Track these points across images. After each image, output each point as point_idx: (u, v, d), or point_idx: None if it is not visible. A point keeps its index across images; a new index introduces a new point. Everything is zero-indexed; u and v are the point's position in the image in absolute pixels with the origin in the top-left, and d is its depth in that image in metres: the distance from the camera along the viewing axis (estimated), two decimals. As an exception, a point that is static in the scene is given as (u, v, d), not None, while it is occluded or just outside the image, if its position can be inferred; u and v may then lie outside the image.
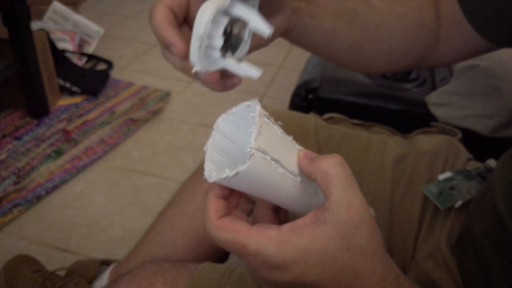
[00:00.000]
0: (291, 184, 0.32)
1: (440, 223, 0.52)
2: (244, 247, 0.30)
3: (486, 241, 0.42)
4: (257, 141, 0.29)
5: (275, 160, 0.30)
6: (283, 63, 2.10)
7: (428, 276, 0.48)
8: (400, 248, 0.54)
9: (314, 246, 0.30)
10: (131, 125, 1.50)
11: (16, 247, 1.04)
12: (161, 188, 1.26)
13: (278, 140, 0.32)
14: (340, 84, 0.96)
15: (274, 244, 0.30)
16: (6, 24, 1.30)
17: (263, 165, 0.30)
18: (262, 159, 0.29)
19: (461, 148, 0.59)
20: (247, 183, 0.31)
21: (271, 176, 0.31)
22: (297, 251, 0.30)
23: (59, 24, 1.94)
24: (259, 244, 0.30)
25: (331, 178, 0.31)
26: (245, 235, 0.30)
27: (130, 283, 0.44)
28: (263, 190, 0.32)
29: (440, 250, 0.49)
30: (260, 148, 0.29)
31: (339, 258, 0.30)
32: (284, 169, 0.31)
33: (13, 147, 1.35)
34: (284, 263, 0.30)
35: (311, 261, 0.30)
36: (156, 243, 0.66)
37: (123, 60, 1.99)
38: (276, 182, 0.31)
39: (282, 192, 0.32)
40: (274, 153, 0.30)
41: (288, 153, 0.32)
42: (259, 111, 0.30)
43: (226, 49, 0.33)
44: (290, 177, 0.32)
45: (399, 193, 0.55)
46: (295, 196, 0.33)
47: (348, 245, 0.30)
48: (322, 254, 0.30)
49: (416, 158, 0.57)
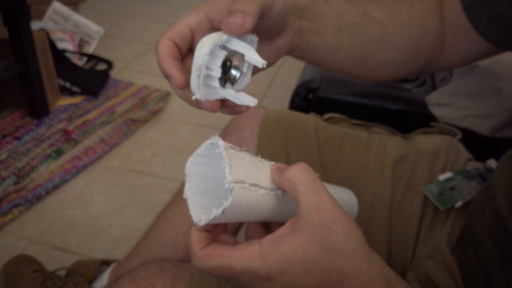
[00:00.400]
0: (275, 199, 0.34)
1: (441, 223, 0.52)
2: (231, 268, 0.31)
3: (488, 240, 0.42)
4: (232, 174, 0.31)
5: (253, 185, 0.32)
6: (283, 63, 2.10)
7: (428, 276, 0.48)
8: (400, 248, 0.54)
9: (294, 254, 0.30)
10: (131, 125, 1.50)
11: (16, 247, 1.04)
12: (161, 188, 1.26)
13: (249, 165, 0.33)
14: (340, 84, 0.96)
15: (258, 259, 0.31)
16: (6, 24, 1.30)
17: (245, 194, 0.31)
18: (242, 189, 0.31)
19: (461, 148, 0.59)
20: (235, 214, 0.32)
21: (255, 200, 0.32)
22: (280, 261, 0.30)
23: (59, 24, 1.94)
24: (244, 262, 0.31)
25: (297, 185, 0.32)
26: (229, 257, 0.31)
27: (130, 283, 0.44)
28: (250, 215, 0.33)
29: (440, 250, 0.49)
30: (237, 179, 0.31)
31: (320, 262, 0.30)
32: (264, 190, 0.33)
33: (13, 147, 1.35)
34: (270, 274, 0.31)
35: (294, 269, 0.31)
36: (156, 243, 0.66)
37: (123, 60, 1.99)
38: (260, 204, 0.33)
39: (268, 209, 0.34)
40: (250, 178, 0.32)
41: (262, 172, 0.34)
42: (223, 146, 0.32)
43: (225, 80, 0.35)
44: (272, 194, 0.34)
45: (399, 193, 0.55)
46: (281, 208, 0.35)
47: (326, 247, 0.30)
48: (303, 261, 0.30)
49: (416, 158, 0.57)
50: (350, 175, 0.57)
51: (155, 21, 2.49)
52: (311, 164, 0.58)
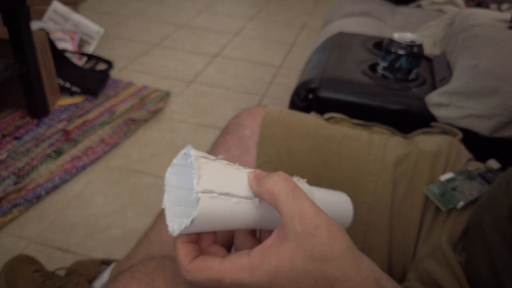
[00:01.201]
0: (251, 207, 0.34)
1: (441, 223, 0.52)
2: (220, 281, 0.31)
3: (496, 235, 0.42)
4: (199, 184, 0.31)
5: (224, 194, 0.32)
6: (283, 63, 2.10)
7: (429, 274, 0.48)
8: (401, 248, 0.54)
9: (282, 265, 0.31)
10: (131, 125, 1.50)
11: (16, 247, 1.04)
12: (161, 188, 1.26)
13: (222, 173, 0.33)
14: (340, 84, 0.96)
15: (247, 271, 0.31)
16: (6, 24, 1.30)
17: (214, 203, 0.31)
18: (210, 198, 0.31)
19: (462, 149, 0.59)
20: (208, 224, 0.32)
21: (228, 209, 0.32)
22: (269, 273, 0.31)
23: (59, 24, 1.94)
24: (233, 275, 0.31)
25: (277, 196, 0.32)
26: (218, 270, 0.31)
27: (131, 278, 0.44)
28: (226, 224, 0.33)
29: (441, 248, 0.49)
30: (205, 189, 0.31)
31: (309, 271, 0.30)
32: (237, 198, 0.33)
33: (13, 147, 1.35)
34: (260, 286, 0.31)
35: (284, 280, 0.31)
36: (156, 242, 0.65)
37: (123, 60, 1.99)
38: (234, 212, 0.33)
39: (246, 218, 0.34)
40: (221, 187, 0.32)
41: (237, 181, 0.34)
42: (194, 155, 0.32)
43: None
44: (247, 201, 0.33)
45: (400, 193, 0.55)
46: (260, 216, 0.35)
47: (313, 256, 0.30)
48: (292, 271, 0.30)
49: (417, 158, 0.57)
50: (350, 175, 0.57)
51: (155, 21, 2.49)
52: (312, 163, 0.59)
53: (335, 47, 1.16)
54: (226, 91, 1.80)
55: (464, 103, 0.86)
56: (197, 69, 2.00)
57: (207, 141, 1.47)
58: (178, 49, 2.19)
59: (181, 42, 2.27)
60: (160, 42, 2.23)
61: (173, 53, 2.13)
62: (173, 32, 2.37)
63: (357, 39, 1.20)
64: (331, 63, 1.06)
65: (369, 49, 1.14)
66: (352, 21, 1.41)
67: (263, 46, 2.29)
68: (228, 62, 2.08)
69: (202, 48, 2.21)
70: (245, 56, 2.14)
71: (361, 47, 1.15)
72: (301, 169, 0.58)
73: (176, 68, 1.98)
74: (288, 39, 2.40)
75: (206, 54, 2.16)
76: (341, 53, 1.12)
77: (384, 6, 1.63)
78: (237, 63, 2.07)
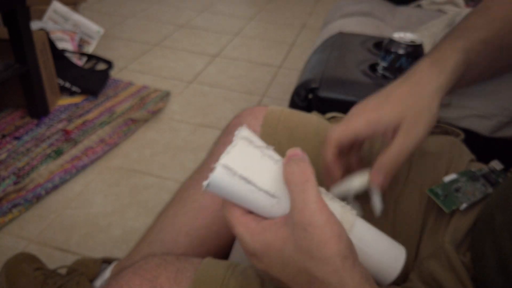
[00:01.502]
0: (266, 203, 0.35)
1: (444, 223, 0.52)
2: (232, 228, 0.36)
3: (507, 235, 0.42)
4: (223, 159, 0.34)
5: (243, 177, 0.34)
6: (283, 63, 2.10)
7: (431, 275, 0.47)
8: (403, 248, 0.54)
9: (275, 244, 0.33)
10: (131, 125, 1.50)
11: (16, 247, 1.04)
12: (161, 188, 1.26)
13: (254, 160, 0.35)
14: (340, 84, 0.96)
15: (250, 234, 0.35)
16: (6, 24, 1.30)
17: (229, 180, 0.34)
18: (226, 174, 0.34)
19: (464, 149, 0.59)
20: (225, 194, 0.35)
21: (241, 192, 0.35)
22: (262, 245, 0.34)
23: (59, 24, 1.94)
24: (241, 231, 0.35)
25: (289, 183, 0.34)
26: (235, 217, 0.36)
27: (134, 275, 0.44)
28: (242, 204, 0.36)
29: (443, 249, 0.48)
30: (225, 164, 0.34)
31: (294, 259, 0.32)
32: (253, 187, 0.35)
33: (13, 147, 1.35)
34: (255, 252, 0.34)
35: (272, 257, 0.34)
36: (157, 242, 0.65)
37: (123, 60, 1.99)
38: (248, 199, 0.35)
39: (259, 209, 0.36)
40: (243, 170, 0.34)
41: (265, 172, 0.35)
42: (238, 134, 0.36)
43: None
44: (263, 195, 0.35)
45: (403, 193, 0.55)
46: (273, 214, 0.36)
47: (301, 247, 0.32)
48: (280, 252, 0.33)
49: (419, 158, 0.56)
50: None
51: (155, 21, 2.49)
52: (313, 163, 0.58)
53: (335, 47, 1.16)
54: (226, 91, 1.80)
55: (464, 103, 0.86)
56: (197, 69, 2.00)
57: (207, 141, 1.47)
58: (178, 49, 2.19)
59: (181, 42, 2.27)
60: (160, 42, 2.23)
61: (173, 53, 2.13)
62: (173, 32, 2.37)
63: (357, 39, 1.20)
64: (331, 63, 1.06)
65: (369, 49, 1.14)
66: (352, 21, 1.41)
67: (263, 46, 2.29)
68: (228, 62, 2.08)
69: (202, 48, 2.21)
70: (245, 56, 2.14)
71: (361, 47, 1.15)
72: None
73: (176, 68, 1.98)
74: (288, 39, 2.40)
75: (206, 54, 2.16)
76: (341, 53, 1.12)
77: (384, 6, 1.63)
78: (237, 63, 2.07)
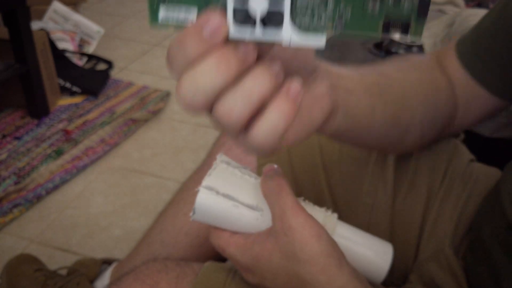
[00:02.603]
0: (251, 216, 0.36)
1: (444, 224, 0.52)
2: (223, 251, 0.37)
3: (497, 246, 0.42)
4: (205, 181, 0.36)
5: (225, 195, 0.36)
6: (283, 63, 2.10)
7: (431, 278, 0.47)
8: (403, 249, 0.54)
9: (263, 255, 0.34)
10: (131, 125, 1.50)
11: (17, 247, 1.04)
12: (161, 188, 1.26)
13: (234, 179, 0.37)
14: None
15: (240, 250, 0.36)
16: (6, 24, 1.30)
17: (213, 200, 0.36)
18: (210, 194, 0.36)
19: (463, 149, 0.59)
20: (209, 217, 0.37)
21: (226, 209, 0.36)
22: (252, 258, 0.35)
23: (59, 24, 1.94)
24: (231, 250, 0.36)
25: (266, 197, 0.35)
26: (224, 240, 0.37)
27: (134, 281, 0.44)
28: (227, 223, 0.37)
29: (443, 252, 0.49)
30: (208, 185, 0.36)
31: (284, 267, 0.33)
32: (237, 202, 0.36)
33: (13, 147, 1.35)
34: (247, 266, 0.35)
35: (263, 268, 0.34)
36: (157, 242, 0.66)
37: (123, 60, 1.99)
38: (233, 215, 0.36)
39: (244, 223, 0.37)
40: (226, 189, 0.36)
41: (246, 188, 0.37)
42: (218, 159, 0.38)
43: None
44: (246, 209, 0.36)
45: (402, 193, 0.55)
46: (259, 227, 0.37)
47: (286, 254, 0.33)
48: (269, 263, 0.34)
49: (418, 158, 0.57)
50: (351, 176, 0.58)
51: (155, 21, 2.49)
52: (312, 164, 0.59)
53: (335, 47, 1.16)
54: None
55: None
56: (197, 69, 1.99)
57: (207, 141, 1.47)
58: (178, 49, 2.18)
59: (181, 42, 2.26)
60: (160, 42, 2.23)
61: (173, 53, 2.13)
62: (173, 32, 2.37)
63: (357, 39, 1.20)
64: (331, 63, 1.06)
65: (370, 49, 1.14)
66: (352, 21, 1.41)
67: (263, 46, 2.28)
68: (228, 62, 2.07)
69: (202, 48, 2.21)
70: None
71: (361, 48, 1.15)
72: (301, 170, 0.58)
73: (176, 68, 1.98)
74: (288, 39, 2.40)
75: (206, 54, 2.15)
76: (341, 54, 1.12)
77: (384, 6, 1.63)
78: (237, 63, 2.06)
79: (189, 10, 0.24)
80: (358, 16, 0.23)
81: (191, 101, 0.24)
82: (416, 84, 0.47)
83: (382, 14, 0.23)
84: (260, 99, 0.24)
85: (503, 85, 0.48)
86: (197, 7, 0.23)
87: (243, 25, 0.23)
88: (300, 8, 0.23)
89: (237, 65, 0.23)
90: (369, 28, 0.23)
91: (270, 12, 0.22)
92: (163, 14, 0.24)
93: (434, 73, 0.49)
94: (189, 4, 0.23)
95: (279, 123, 0.25)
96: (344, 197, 0.57)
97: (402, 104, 0.44)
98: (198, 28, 0.23)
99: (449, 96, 0.49)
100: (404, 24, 0.23)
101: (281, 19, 0.22)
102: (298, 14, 0.23)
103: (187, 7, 0.23)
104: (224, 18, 0.23)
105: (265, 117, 0.25)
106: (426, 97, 0.47)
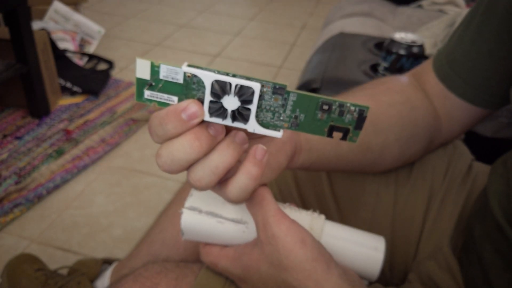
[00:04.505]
0: (236, 230, 0.38)
1: (444, 224, 0.52)
2: (216, 266, 0.38)
3: (488, 246, 0.42)
4: (187, 201, 0.38)
5: (209, 213, 0.38)
6: (284, 63, 2.10)
7: (430, 277, 0.48)
8: (403, 248, 0.54)
9: (251, 265, 0.35)
10: (132, 125, 1.50)
11: (17, 247, 1.04)
12: (162, 188, 1.26)
13: (217, 197, 0.38)
14: (341, 84, 0.97)
15: (230, 262, 0.37)
16: (7, 24, 1.30)
17: (198, 219, 0.38)
18: (194, 214, 0.38)
19: (464, 149, 0.59)
20: (197, 235, 0.38)
21: (211, 226, 0.38)
22: (243, 268, 0.36)
23: (60, 24, 1.94)
24: (222, 263, 0.38)
25: (249, 209, 0.36)
26: (215, 256, 0.38)
27: (134, 283, 0.44)
28: (215, 238, 0.39)
29: (442, 251, 0.49)
30: (191, 206, 0.38)
31: (272, 275, 0.34)
32: (221, 218, 0.38)
33: (14, 147, 1.35)
34: (240, 276, 0.36)
35: (253, 277, 0.35)
36: (158, 242, 0.66)
37: (124, 60, 1.99)
38: (219, 230, 0.38)
39: (231, 237, 0.38)
40: (208, 207, 0.38)
41: (229, 204, 0.38)
42: None
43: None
44: (231, 223, 0.38)
45: (403, 193, 0.55)
46: (246, 240, 0.38)
47: (272, 262, 0.33)
48: (257, 273, 0.35)
49: (420, 158, 0.57)
50: (353, 176, 0.58)
51: (155, 21, 2.49)
52: None
53: (336, 48, 1.16)
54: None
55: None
56: (198, 69, 1.99)
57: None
58: (179, 49, 2.19)
59: (182, 42, 2.27)
60: (160, 42, 2.24)
61: (173, 53, 2.14)
62: (174, 32, 2.37)
63: (358, 40, 1.20)
64: (332, 63, 1.06)
65: (370, 49, 1.14)
66: (353, 21, 1.41)
67: (264, 46, 2.29)
68: (228, 62, 2.08)
69: (202, 48, 2.21)
70: (245, 56, 2.14)
71: (362, 48, 1.15)
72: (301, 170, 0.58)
73: (176, 68, 1.98)
74: (289, 39, 2.40)
75: (206, 54, 2.16)
76: (342, 54, 1.12)
77: (385, 6, 1.63)
78: (237, 63, 2.07)
79: (171, 98, 0.28)
80: (309, 121, 0.28)
81: (168, 168, 0.29)
82: (386, 107, 0.47)
83: (328, 122, 0.28)
84: (226, 169, 0.29)
85: (479, 96, 0.48)
86: (177, 97, 0.28)
87: (217, 116, 0.28)
88: (265, 109, 0.28)
89: (208, 142, 0.28)
90: (317, 131, 0.29)
91: (239, 111, 0.28)
92: (147, 94, 0.28)
93: (409, 91, 0.50)
94: (170, 94, 0.28)
95: (248, 184, 0.30)
96: (346, 196, 0.57)
97: (372, 130, 0.46)
98: (178, 111, 0.27)
99: (427, 111, 0.50)
100: (344, 131, 0.28)
101: (248, 117, 0.28)
102: (262, 113, 0.28)
103: (169, 96, 0.28)
104: (201, 107, 0.27)
105: (235, 180, 0.30)
106: (399, 117, 0.48)
